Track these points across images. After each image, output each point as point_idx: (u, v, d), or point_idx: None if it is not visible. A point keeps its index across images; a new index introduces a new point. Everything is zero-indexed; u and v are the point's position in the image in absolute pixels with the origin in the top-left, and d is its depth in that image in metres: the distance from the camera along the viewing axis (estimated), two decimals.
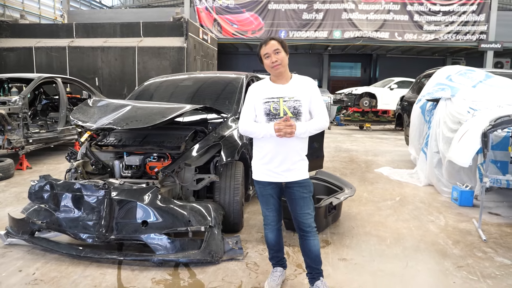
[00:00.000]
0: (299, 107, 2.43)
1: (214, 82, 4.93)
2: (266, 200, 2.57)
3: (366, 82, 20.96)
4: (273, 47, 2.41)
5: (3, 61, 12.41)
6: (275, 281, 2.64)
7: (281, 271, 2.72)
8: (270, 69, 2.46)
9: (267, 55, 2.43)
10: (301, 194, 2.49)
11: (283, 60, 2.44)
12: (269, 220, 2.61)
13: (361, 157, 7.76)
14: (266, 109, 2.44)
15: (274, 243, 2.66)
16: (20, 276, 2.79)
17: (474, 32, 16.66)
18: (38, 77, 6.87)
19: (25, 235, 3.22)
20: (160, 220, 2.99)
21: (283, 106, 2.42)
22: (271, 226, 2.62)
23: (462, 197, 4.56)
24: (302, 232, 2.53)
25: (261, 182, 2.54)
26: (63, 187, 3.14)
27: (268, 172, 2.50)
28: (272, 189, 2.54)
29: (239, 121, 2.59)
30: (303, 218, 2.49)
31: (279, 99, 2.44)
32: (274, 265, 2.74)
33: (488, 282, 2.81)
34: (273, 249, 2.69)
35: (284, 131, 2.34)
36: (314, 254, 2.51)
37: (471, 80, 5.40)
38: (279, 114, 2.42)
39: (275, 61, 2.41)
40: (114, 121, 3.32)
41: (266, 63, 2.46)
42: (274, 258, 2.73)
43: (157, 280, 2.76)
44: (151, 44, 11.89)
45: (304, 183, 2.50)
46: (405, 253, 3.28)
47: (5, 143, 5.84)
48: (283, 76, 2.49)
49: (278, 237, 2.66)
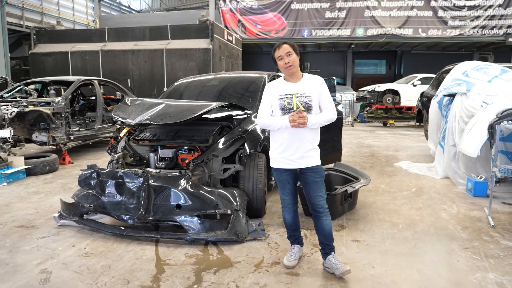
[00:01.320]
0: (310, 102, 2.76)
1: (239, 81, 5.31)
2: (283, 185, 2.92)
3: (391, 79, 20.85)
4: (285, 50, 2.76)
5: (42, 65, 13.25)
6: (292, 256, 2.99)
7: (298, 248, 3.06)
8: (283, 70, 2.81)
9: (280, 57, 2.78)
10: (314, 179, 2.81)
11: (295, 61, 2.77)
12: (286, 203, 2.96)
13: (382, 152, 7.96)
14: (281, 104, 2.78)
15: (291, 223, 3.01)
16: (74, 250, 3.26)
17: (501, 26, 16.34)
18: (77, 79, 7.47)
19: (76, 217, 3.70)
20: (192, 203, 3.39)
21: (296, 101, 2.75)
22: (288, 208, 2.96)
23: (476, 187, 4.74)
24: (315, 213, 2.86)
25: (278, 169, 2.89)
26: (108, 175, 3.59)
27: (283, 160, 2.82)
28: (288, 176, 2.88)
29: (258, 116, 2.92)
30: (316, 200, 2.82)
31: (292, 95, 2.77)
32: (292, 243, 3.09)
33: (490, 261, 3.04)
34: (290, 229, 3.04)
35: (297, 122, 2.67)
36: (326, 232, 2.83)
37: (487, 75, 5.54)
38: (293, 108, 2.75)
39: (287, 62, 2.75)
40: (150, 117, 3.75)
41: (280, 64, 2.81)
42: (292, 237, 3.08)
43: (190, 255, 3.16)
44: (178, 46, 12.41)
45: (316, 169, 2.82)
46: (415, 236, 3.54)
47: (50, 140, 6.43)
48: (295, 75, 2.83)
49: (294, 218, 3.00)
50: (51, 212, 4.22)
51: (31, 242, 3.44)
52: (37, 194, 4.97)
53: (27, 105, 6.22)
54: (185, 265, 2.98)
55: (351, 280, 2.73)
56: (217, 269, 2.91)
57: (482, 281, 2.73)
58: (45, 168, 6.00)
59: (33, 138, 6.52)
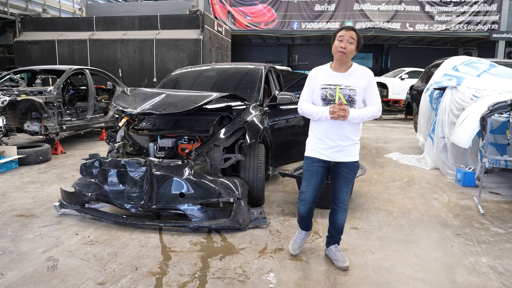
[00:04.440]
0: (353, 95, 2.62)
1: (236, 72, 5.35)
2: (310, 176, 2.77)
3: (378, 72, 21.11)
4: (350, 35, 2.58)
5: (27, 54, 12.95)
6: (297, 243, 3.01)
7: (305, 234, 3.05)
8: (335, 52, 2.61)
9: (341, 39, 2.59)
10: (345, 174, 2.73)
11: (351, 52, 2.59)
12: (305, 196, 2.81)
13: (372, 144, 8.13)
14: (323, 94, 2.66)
15: (304, 215, 2.91)
16: (77, 238, 3.29)
17: (486, 22, 16.71)
18: (69, 68, 7.37)
19: (77, 206, 3.71)
20: (195, 192, 3.44)
21: (338, 94, 2.62)
22: (305, 202, 2.83)
23: (465, 178, 4.92)
24: (335, 206, 2.82)
25: (311, 158, 2.76)
26: (110, 164, 3.61)
27: (319, 150, 2.72)
28: (319, 167, 2.75)
29: (299, 102, 2.81)
30: (340, 194, 2.77)
31: (336, 87, 2.63)
32: (301, 228, 3.04)
33: (482, 246, 3.21)
34: (302, 218, 2.97)
35: (337, 114, 2.56)
36: (339, 226, 2.85)
37: (476, 69, 5.72)
38: (334, 100, 2.63)
39: (344, 47, 2.56)
40: (153, 107, 3.76)
41: (335, 44, 2.61)
42: (301, 223, 3.02)
43: (194, 242, 3.22)
44: (168, 36, 12.29)
45: (351, 165, 2.72)
46: (410, 223, 3.69)
47: (42, 130, 6.36)
48: (344, 65, 2.66)
49: (309, 212, 2.90)
50: (49, 201, 4.22)
51: (33, 231, 3.44)
52: (32, 183, 4.93)
53: (19, 94, 6.13)
54: (191, 252, 3.05)
55: (353, 264, 2.84)
56: (222, 256, 2.99)
57: (476, 264, 2.88)
58: (38, 158, 5.94)
59: (25, 127, 6.44)
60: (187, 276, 2.67)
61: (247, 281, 2.62)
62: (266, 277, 2.68)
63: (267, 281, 2.63)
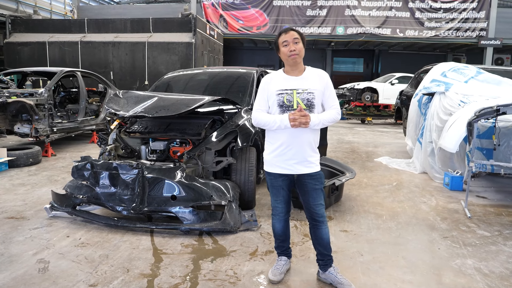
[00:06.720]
0: (312, 99, 2.46)
1: (228, 76, 5.39)
2: (276, 191, 2.62)
3: (369, 77, 21.34)
4: (293, 36, 2.45)
5: (17, 55, 12.86)
6: (278, 269, 2.69)
7: (286, 260, 2.78)
8: (286, 58, 2.47)
9: (285, 43, 2.45)
10: (314, 186, 2.53)
11: (301, 51, 2.47)
12: (277, 210, 2.67)
13: (362, 148, 8.22)
14: (280, 100, 2.46)
15: (280, 233, 2.72)
16: (69, 240, 3.28)
17: (474, 29, 17.04)
18: (60, 70, 7.34)
19: (68, 208, 3.71)
20: (187, 195, 3.47)
21: (296, 98, 2.44)
22: (279, 216, 2.68)
23: (452, 182, 5.02)
24: (314, 222, 2.59)
25: (273, 174, 2.57)
26: (102, 167, 3.61)
27: (280, 164, 2.52)
28: (283, 181, 2.57)
29: (252, 113, 2.59)
30: (316, 208, 2.55)
31: (292, 91, 2.45)
32: (279, 254, 2.80)
33: (468, 248, 3.28)
34: (279, 239, 2.76)
35: (299, 121, 2.37)
36: (325, 242, 2.59)
37: (463, 76, 5.84)
38: (293, 106, 2.44)
39: (293, 50, 2.43)
40: (145, 110, 3.79)
41: (283, 51, 2.47)
42: (279, 248, 2.79)
43: (186, 245, 3.24)
44: (160, 39, 12.32)
45: (316, 176, 2.53)
46: (399, 226, 3.75)
47: (33, 132, 6.32)
48: (298, 68, 2.52)
49: (285, 227, 2.72)
50: (40, 203, 4.20)
51: (23, 233, 3.43)
52: (23, 186, 4.91)
53: (10, 96, 6.09)
54: (182, 254, 3.07)
55: (343, 266, 2.88)
56: (214, 258, 3.01)
57: (462, 266, 2.95)
58: (28, 160, 5.91)
59: (15, 129, 6.40)
60: (179, 278, 2.70)
61: (238, 283, 2.65)
62: (257, 279, 2.71)
63: (257, 283, 2.66)
